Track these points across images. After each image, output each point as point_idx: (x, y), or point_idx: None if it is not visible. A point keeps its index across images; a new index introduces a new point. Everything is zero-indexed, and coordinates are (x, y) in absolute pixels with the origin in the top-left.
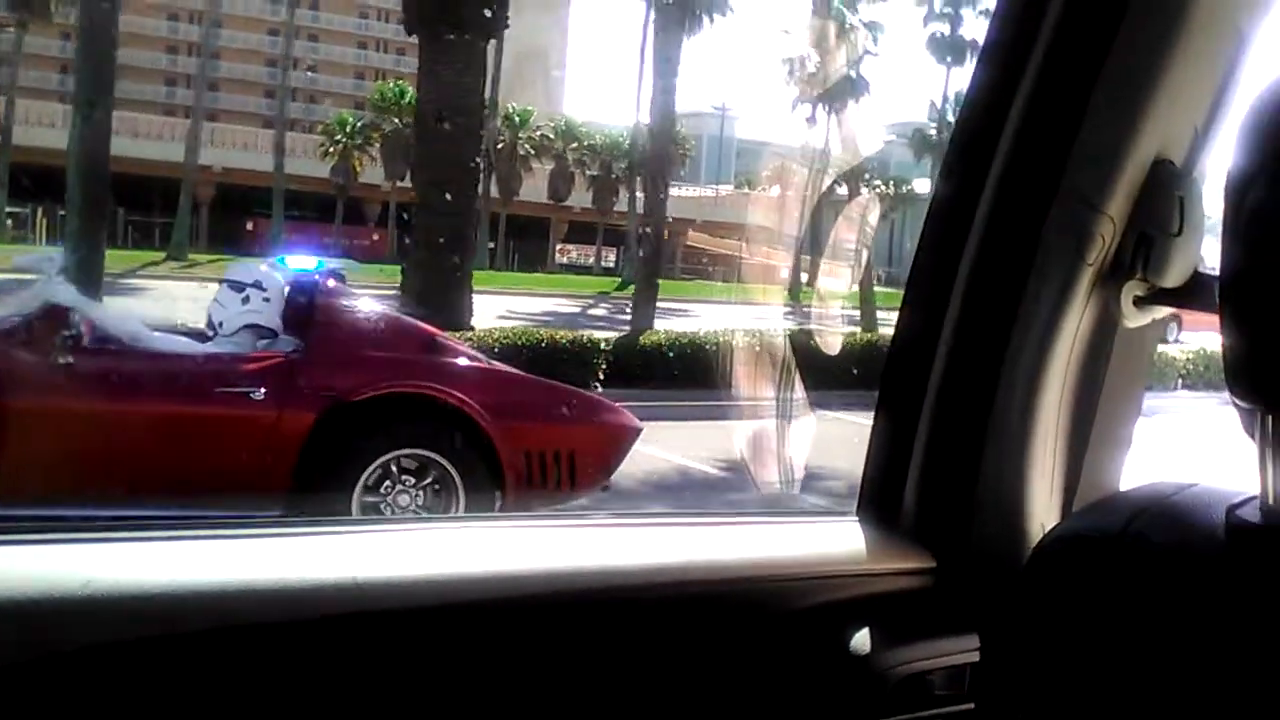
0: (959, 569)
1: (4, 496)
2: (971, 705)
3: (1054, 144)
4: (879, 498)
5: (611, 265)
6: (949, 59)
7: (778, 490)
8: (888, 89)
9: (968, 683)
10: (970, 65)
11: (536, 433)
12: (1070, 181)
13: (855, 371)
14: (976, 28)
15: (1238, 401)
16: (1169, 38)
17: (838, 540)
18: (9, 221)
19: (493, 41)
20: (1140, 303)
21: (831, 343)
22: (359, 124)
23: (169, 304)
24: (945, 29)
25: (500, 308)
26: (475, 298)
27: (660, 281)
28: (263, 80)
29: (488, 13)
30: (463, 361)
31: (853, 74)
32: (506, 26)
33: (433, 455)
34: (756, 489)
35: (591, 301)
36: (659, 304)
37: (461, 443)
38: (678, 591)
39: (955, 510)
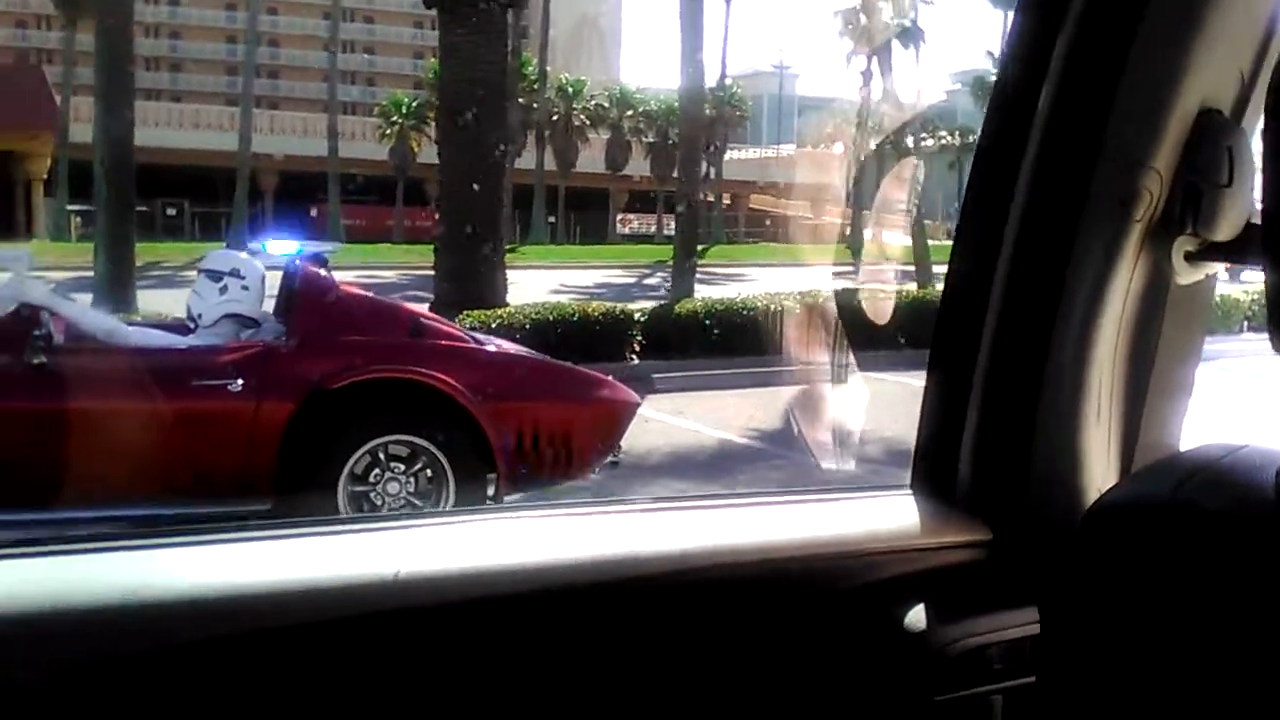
0: (1016, 539)
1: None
2: (1033, 679)
3: (1095, 97)
4: (932, 469)
5: (673, 234)
6: (1005, 3)
7: (828, 460)
8: (949, 37)
9: (1028, 656)
10: None
11: (527, 413)
12: (1114, 136)
13: (902, 331)
14: None
15: None
16: None
17: (892, 515)
18: (78, 219)
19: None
20: (1192, 258)
21: (883, 301)
22: (415, 104)
23: None
24: None
25: (554, 282)
26: (530, 273)
27: (721, 246)
28: (322, 66)
29: None
30: (448, 343)
31: (908, 23)
32: None
33: (420, 441)
34: (813, 460)
35: (649, 271)
36: (718, 270)
37: (448, 427)
38: (729, 574)
39: (1010, 479)
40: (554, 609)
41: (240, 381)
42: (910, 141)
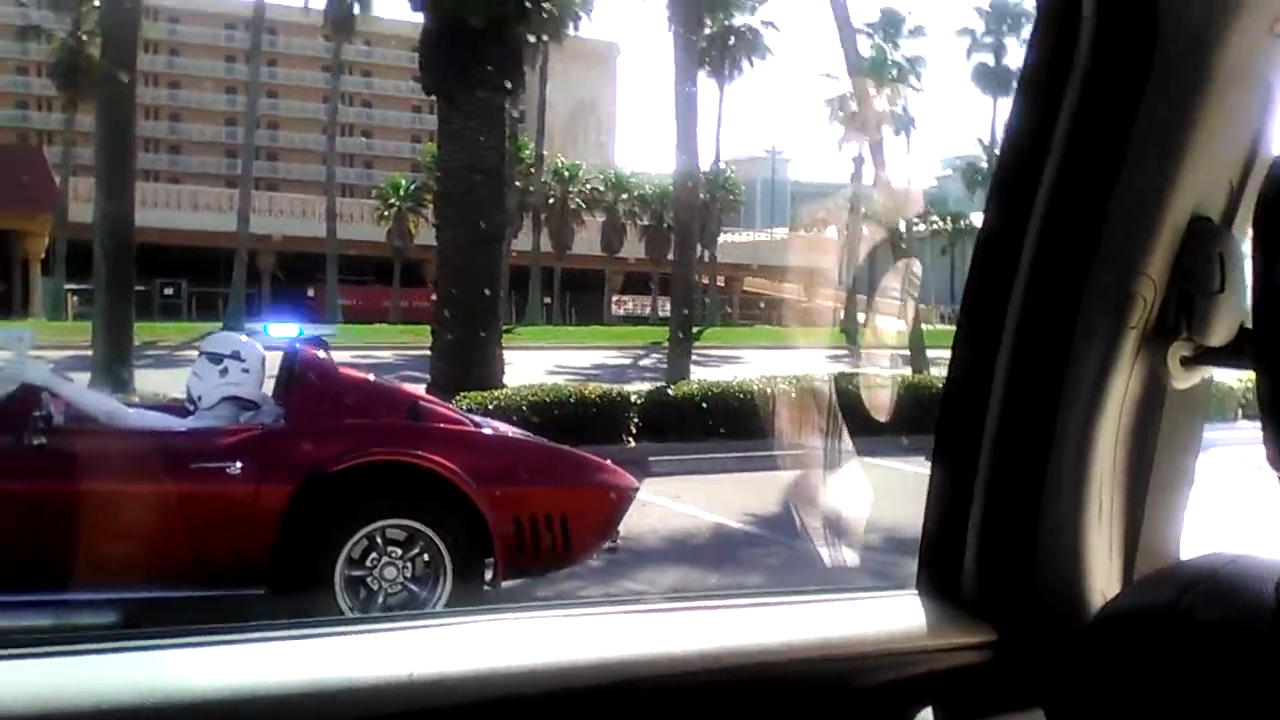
0: (1021, 641)
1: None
2: None
3: (1089, 204)
4: (938, 569)
5: (669, 315)
6: (995, 90)
7: (831, 553)
8: (938, 123)
9: None
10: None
11: (525, 497)
12: (1108, 242)
13: (900, 417)
14: (1019, 55)
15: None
16: (1197, 94)
17: (898, 616)
18: (75, 298)
19: (537, 99)
20: (1188, 363)
21: (879, 386)
22: (412, 186)
23: None
24: (989, 59)
25: (550, 362)
26: (526, 354)
27: (716, 329)
28: (320, 148)
29: (502, 71)
30: (446, 425)
31: (898, 110)
32: (523, 82)
33: (417, 525)
34: (817, 553)
35: (644, 352)
36: (713, 352)
37: (446, 510)
38: (733, 676)
39: (1015, 579)
40: (566, 711)
41: (239, 464)
42: (902, 226)
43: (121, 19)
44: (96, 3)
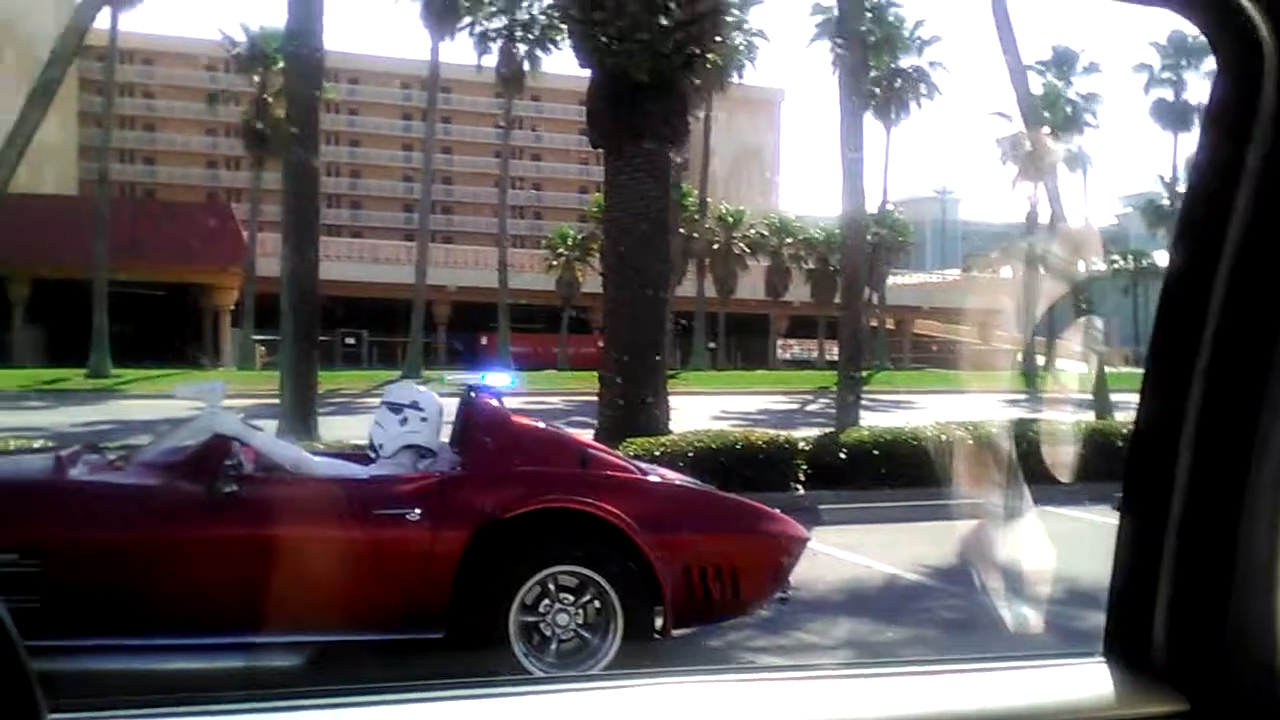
0: (1215, 713)
1: (191, 630)
2: None
3: None
4: (1126, 634)
5: (836, 359)
6: (1175, 125)
7: (1013, 612)
8: (1116, 160)
9: None
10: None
11: (695, 546)
12: None
13: (1083, 464)
14: (1200, 89)
15: None
16: None
17: (1084, 684)
18: (261, 348)
19: (701, 146)
20: None
21: (1060, 432)
22: (580, 236)
23: None
24: (1168, 94)
25: (715, 408)
26: (691, 399)
27: (886, 372)
28: (492, 201)
29: (667, 122)
30: (616, 474)
31: (1073, 148)
32: (688, 132)
33: (589, 572)
34: (998, 613)
35: (810, 397)
36: (883, 397)
37: (617, 558)
38: None
39: (1207, 644)
40: None
41: (418, 511)
42: (1081, 266)
43: (305, 81)
44: (281, 66)
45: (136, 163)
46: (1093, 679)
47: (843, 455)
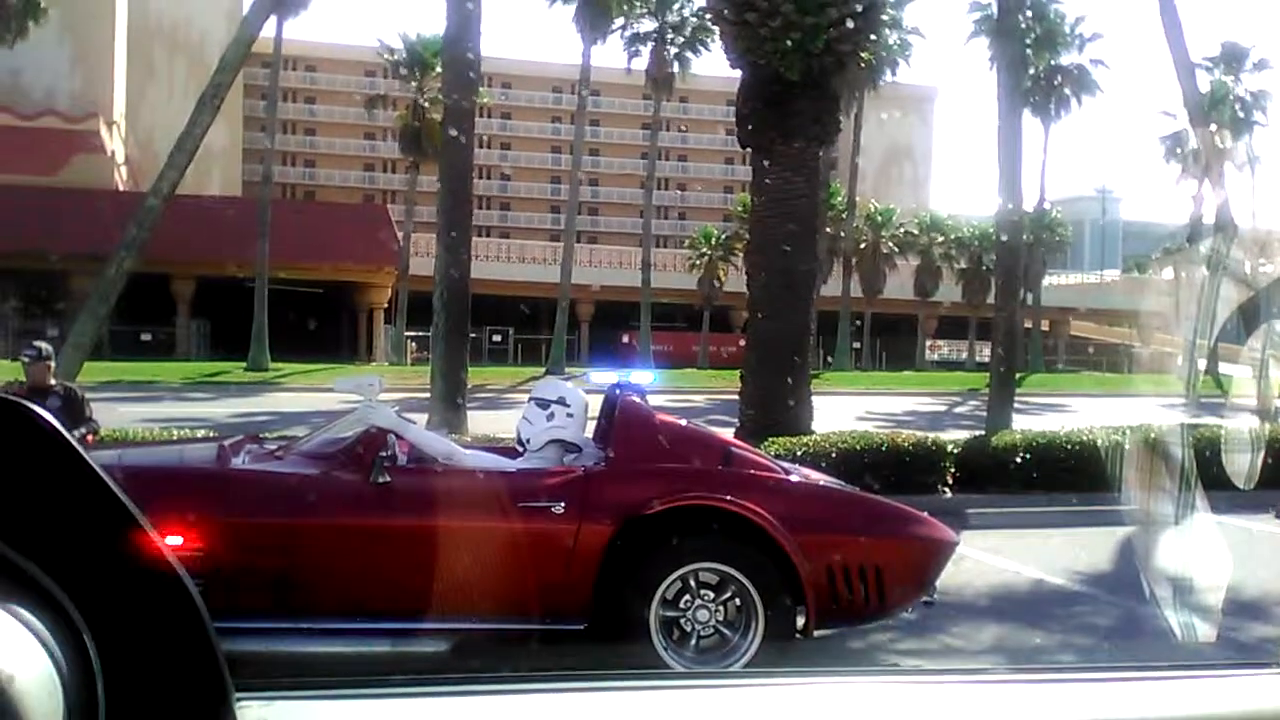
0: None
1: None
2: None
3: None
4: None
5: (986, 360)
6: None
7: (1185, 622)
8: None
9: None
10: None
11: (838, 547)
12: None
13: (1251, 471)
14: None
15: None
16: None
17: (1259, 695)
18: (413, 344)
19: (850, 144)
20: None
21: (1225, 438)
22: (723, 236)
23: None
24: None
25: (859, 409)
26: (834, 399)
27: (1039, 375)
28: (638, 202)
29: (818, 122)
30: (759, 472)
31: (1241, 147)
32: (839, 131)
33: (729, 570)
34: (1169, 624)
35: (959, 399)
36: (1036, 399)
37: (759, 557)
38: None
39: None
40: None
41: (563, 504)
42: (1246, 268)
43: (461, 87)
44: (438, 72)
45: (298, 165)
46: (1268, 690)
47: (992, 459)
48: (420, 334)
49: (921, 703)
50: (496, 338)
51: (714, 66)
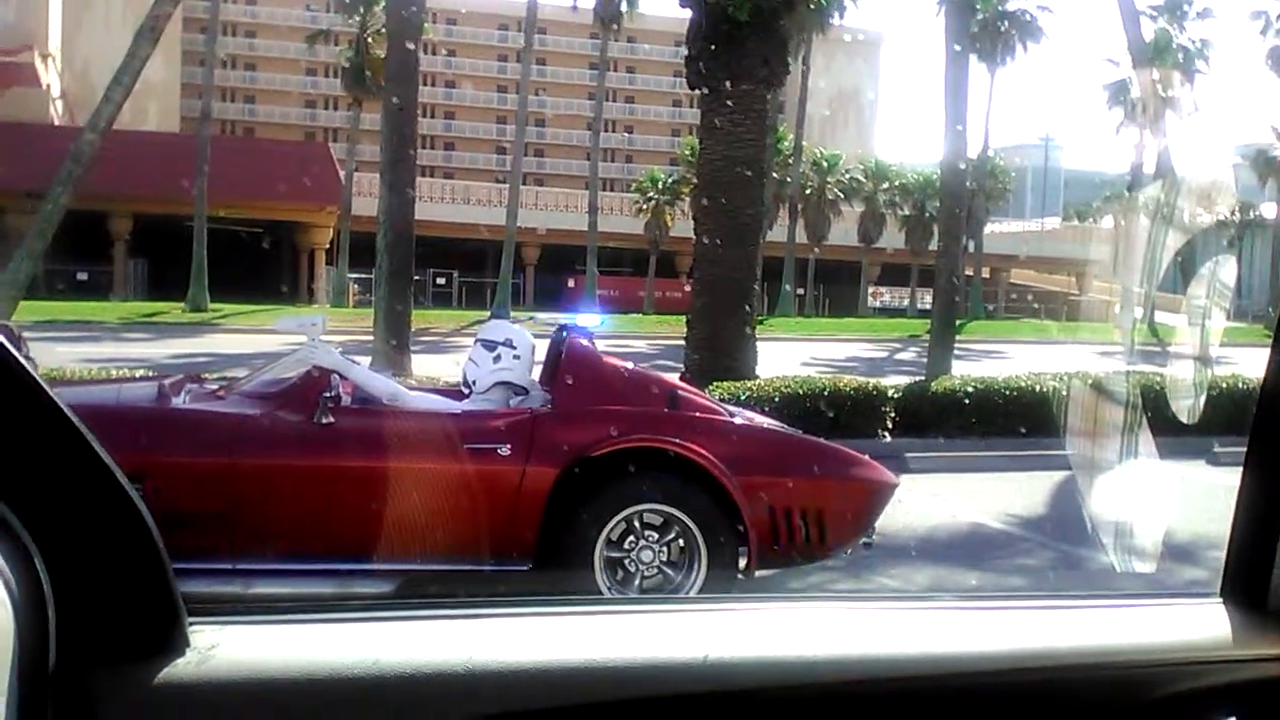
0: None
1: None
2: None
3: None
4: (1245, 576)
5: (927, 308)
6: None
7: (1125, 558)
8: (1226, 109)
9: None
10: None
11: (781, 488)
12: None
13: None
14: None
15: None
16: None
17: (1201, 624)
18: (355, 286)
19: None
20: None
21: (1157, 384)
22: (671, 180)
23: None
24: None
25: (803, 354)
26: (778, 345)
27: (980, 322)
28: (585, 144)
29: (767, 64)
30: (705, 415)
31: (1183, 96)
32: (787, 74)
33: (674, 511)
34: (1110, 558)
35: (901, 345)
36: (976, 346)
37: (703, 498)
38: (1028, 679)
39: None
40: (858, 704)
41: (509, 446)
42: (1185, 216)
43: (405, 22)
44: (381, 6)
45: (238, 101)
46: (1208, 618)
47: (932, 404)
48: (363, 276)
49: (869, 626)
50: (441, 280)
51: (662, 6)
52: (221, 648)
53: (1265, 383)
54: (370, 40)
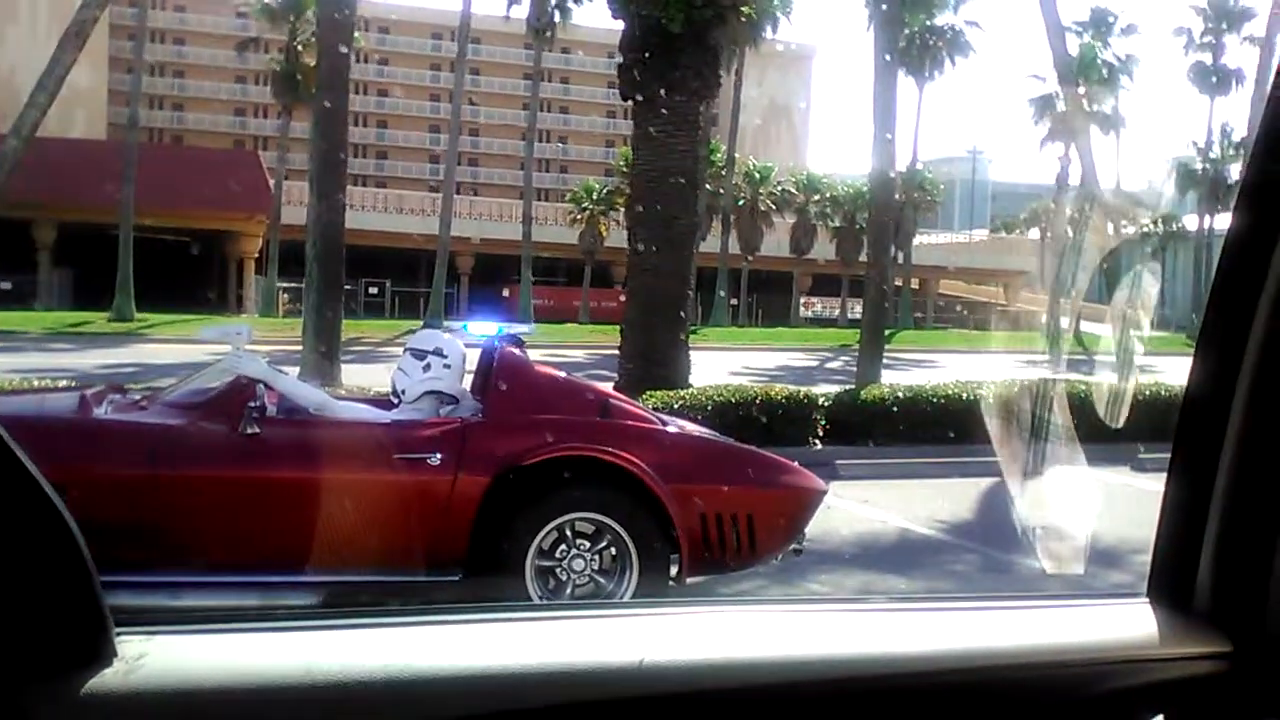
0: (1259, 654)
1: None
2: None
3: None
4: (1170, 576)
5: (858, 317)
6: (1213, 90)
7: (1051, 561)
8: (1149, 123)
9: None
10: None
11: (712, 495)
12: None
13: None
14: (1240, 55)
15: None
16: None
17: (1127, 623)
18: (285, 295)
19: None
20: None
21: (1082, 392)
22: (605, 190)
23: None
24: (1207, 58)
25: (735, 363)
26: (712, 354)
27: (909, 332)
28: (519, 154)
29: (699, 76)
30: (636, 423)
31: (1107, 110)
32: (720, 86)
33: (605, 519)
34: (1038, 562)
35: (831, 354)
36: (905, 355)
37: (634, 506)
38: (959, 679)
39: (1253, 590)
40: (793, 706)
41: (439, 456)
42: (1110, 228)
43: (335, 30)
44: (311, 14)
45: (166, 108)
46: (1136, 618)
47: (861, 412)
48: (293, 285)
49: (800, 629)
50: (373, 290)
51: (596, 17)
52: (150, 657)
53: (1188, 390)
54: (300, 48)
